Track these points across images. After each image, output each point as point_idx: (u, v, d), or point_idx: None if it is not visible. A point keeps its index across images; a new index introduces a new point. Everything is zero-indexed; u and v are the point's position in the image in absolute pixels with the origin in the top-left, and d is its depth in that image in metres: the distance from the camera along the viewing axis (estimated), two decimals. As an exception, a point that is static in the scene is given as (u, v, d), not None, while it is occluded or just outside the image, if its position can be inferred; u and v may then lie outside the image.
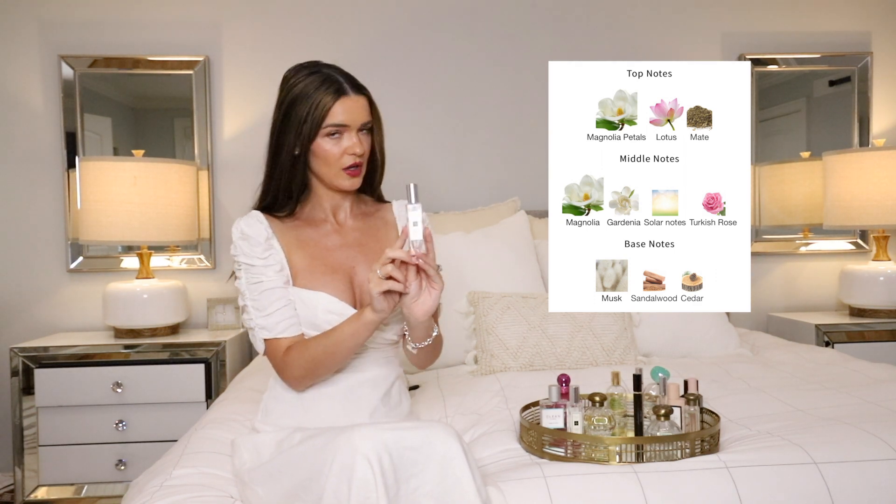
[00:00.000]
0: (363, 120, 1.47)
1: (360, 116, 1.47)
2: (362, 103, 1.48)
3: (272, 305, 1.45)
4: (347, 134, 1.46)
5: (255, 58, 2.84)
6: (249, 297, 1.47)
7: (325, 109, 1.43)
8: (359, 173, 1.49)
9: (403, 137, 2.88)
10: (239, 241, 1.49)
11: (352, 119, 1.45)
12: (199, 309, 2.85)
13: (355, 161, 1.47)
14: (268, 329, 1.45)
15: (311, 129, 1.44)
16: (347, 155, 1.47)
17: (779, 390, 1.71)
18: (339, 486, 1.07)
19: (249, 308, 1.47)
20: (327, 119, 1.44)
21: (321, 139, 1.45)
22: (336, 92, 1.45)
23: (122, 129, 2.87)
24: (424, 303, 1.36)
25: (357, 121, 1.46)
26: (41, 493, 2.42)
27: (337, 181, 1.49)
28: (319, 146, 1.46)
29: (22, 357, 2.41)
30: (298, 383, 1.46)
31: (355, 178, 1.49)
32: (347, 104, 1.45)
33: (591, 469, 1.21)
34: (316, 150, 1.47)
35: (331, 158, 1.46)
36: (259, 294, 1.46)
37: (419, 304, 1.36)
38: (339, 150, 1.46)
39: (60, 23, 2.78)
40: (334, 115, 1.44)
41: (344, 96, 1.45)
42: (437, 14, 2.90)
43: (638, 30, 2.96)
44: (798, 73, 3.04)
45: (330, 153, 1.46)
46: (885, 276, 2.74)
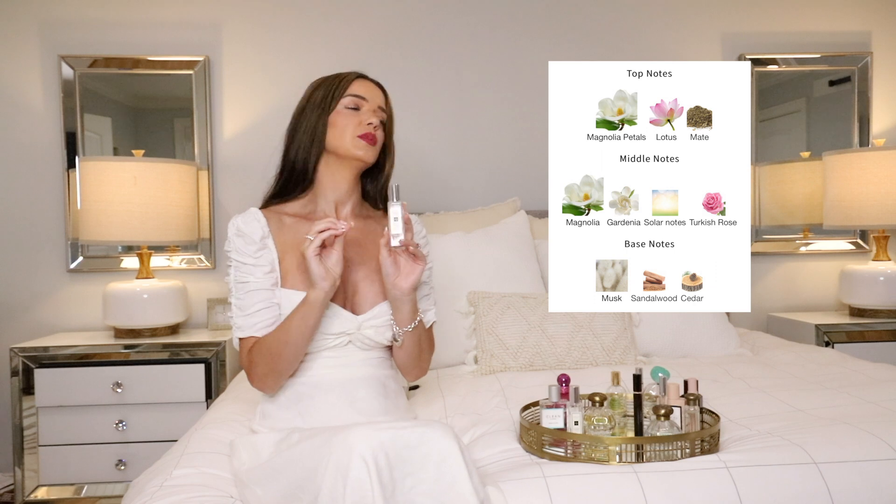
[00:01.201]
0: (380, 102, 1.57)
1: (377, 98, 1.57)
2: (380, 91, 1.59)
3: (254, 306, 1.47)
4: (365, 109, 1.54)
5: (255, 58, 2.84)
6: (235, 294, 1.50)
7: (348, 83, 1.55)
8: (374, 142, 1.54)
9: (403, 137, 2.86)
10: (234, 237, 1.51)
11: (370, 96, 1.56)
12: (199, 309, 2.84)
13: (371, 131, 1.53)
14: (244, 329, 1.48)
15: (332, 99, 1.54)
16: (364, 124, 1.52)
17: (779, 390, 1.71)
18: (335, 486, 1.07)
19: (233, 306, 1.50)
20: (349, 89, 1.54)
21: (340, 110, 1.53)
22: (357, 75, 1.58)
23: (122, 129, 2.87)
24: (409, 276, 1.45)
25: (375, 100, 1.56)
26: (41, 493, 2.42)
27: (352, 149, 1.52)
28: (338, 115, 1.53)
29: (22, 357, 2.41)
30: (263, 383, 1.48)
31: (371, 147, 1.53)
32: (367, 84, 1.58)
33: (591, 469, 1.21)
34: (334, 120, 1.53)
35: (347, 126, 1.52)
36: (244, 294, 1.48)
37: (403, 277, 1.45)
38: (357, 121, 1.53)
39: (60, 23, 2.78)
40: (355, 87, 1.55)
41: (364, 79, 1.58)
42: (436, 14, 2.90)
43: (638, 30, 2.96)
44: (798, 73, 3.04)
45: (348, 122, 1.53)
46: (885, 276, 2.74)
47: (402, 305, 1.48)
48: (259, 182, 1.67)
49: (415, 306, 1.51)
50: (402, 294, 1.46)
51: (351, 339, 1.50)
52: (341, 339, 1.49)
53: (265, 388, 1.50)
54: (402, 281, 1.45)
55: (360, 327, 1.49)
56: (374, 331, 1.50)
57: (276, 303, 1.48)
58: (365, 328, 1.50)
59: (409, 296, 1.47)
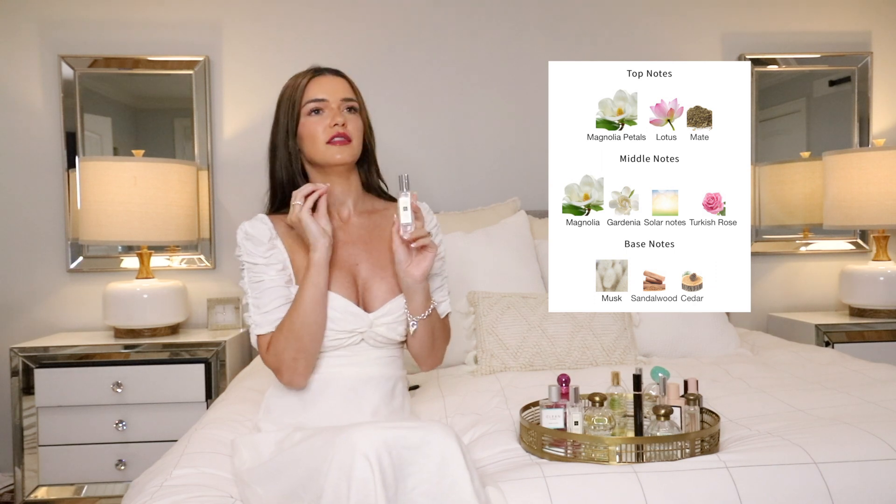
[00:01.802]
0: (342, 95, 1.53)
1: (338, 92, 1.53)
2: (339, 82, 1.55)
3: (271, 303, 1.47)
4: (328, 110, 1.51)
5: (255, 58, 2.84)
6: (251, 295, 1.50)
7: (302, 89, 1.52)
8: (346, 143, 1.51)
9: (403, 137, 2.88)
10: (243, 241, 1.51)
11: (329, 93, 1.52)
12: (199, 309, 2.84)
13: (337, 132, 1.50)
14: (262, 326, 1.48)
15: (293, 111, 1.52)
16: (329, 127, 1.50)
17: (779, 390, 1.71)
18: (339, 485, 1.07)
19: (250, 306, 1.50)
20: (305, 96, 1.51)
21: (304, 119, 1.52)
22: (313, 73, 1.54)
23: (122, 129, 2.87)
24: (420, 263, 1.46)
25: (335, 96, 1.52)
26: (41, 493, 2.42)
27: (325, 156, 1.51)
28: (304, 126, 1.52)
29: (22, 357, 2.41)
30: (294, 370, 1.44)
31: (344, 148, 1.51)
32: (322, 82, 1.53)
33: (591, 469, 1.21)
34: (301, 131, 1.52)
35: (315, 134, 1.51)
36: (260, 292, 1.48)
37: (415, 265, 1.46)
38: (322, 126, 1.51)
39: (60, 23, 2.78)
40: (310, 91, 1.52)
41: (319, 76, 1.54)
42: (436, 14, 2.90)
43: (638, 30, 2.96)
44: (798, 73, 3.04)
45: (313, 130, 1.51)
46: (885, 276, 2.74)
47: (414, 294, 1.49)
48: (259, 182, 1.67)
49: (428, 295, 1.52)
50: (414, 282, 1.47)
51: (363, 337, 1.50)
52: (354, 336, 1.49)
53: (297, 377, 1.45)
54: (413, 268, 1.46)
55: (371, 324, 1.49)
56: (386, 328, 1.50)
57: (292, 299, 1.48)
58: (377, 325, 1.50)
59: (421, 283, 1.48)
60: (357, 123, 1.54)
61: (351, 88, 1.56)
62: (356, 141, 1.53)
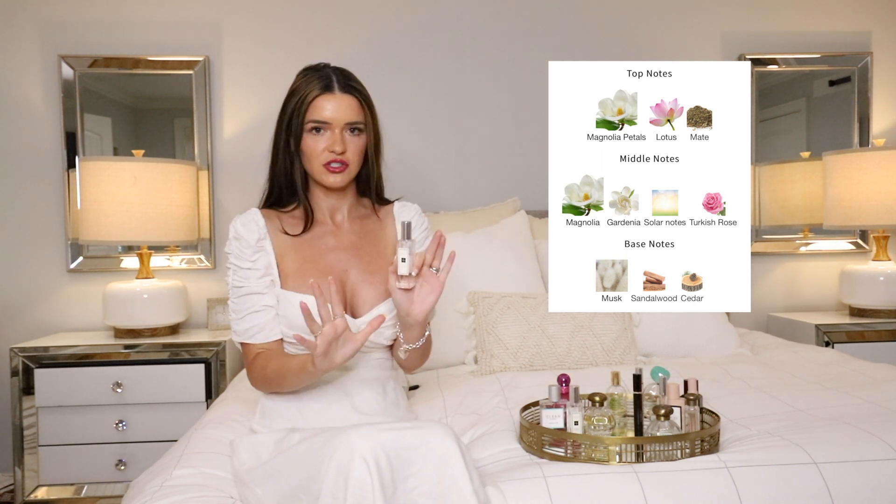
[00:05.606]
0: (347, 119, 1.48)
1: (343, 115, 1.48)
2: (349, 102, 1.48)
3: (245, 311, 1.49)
4: (330, 131, 1.48)
5: (255, 58, 2.84)
6: (231, 297, 1.52)
7: (308, 104, 1.47)
8: (341, 170, 1.49)
9: (403, 137, 2.88)
10: (232, 239, 1.53)
11: (334, 117, 1.47)
12: (199, 309, 2.84)
13: (334, 158, 1.48)
14: (238, 334, 1.51)
15: (297, 124, 1.48)
16: (327, 151, 1.48)
17: (779, 390, 1.71)
18: (336, 486, 1.07)
19: (230, 308, 1.53)
20: (308, 114, 1.47)
21: (306, 134, 1.49)
22: (322, 88, 1.47)
23: (122, 129, 2.87)
24: (423, 302, 1.40)
25: (340, 119, 1.47)
26: (41, 493, 2.42)
27: (320, 177, 1.51)
28: (304, 141, 1.50)
29: (22, 357, 2.41)
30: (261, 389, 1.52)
31: (336, 175, 1.49)
32: (331, 101, 1.47)
33: (591, 469, 1.21)
34: (302, 145, 1.50)
35: (312, 154, 1.49)
36: (238, 297, 1.50)
37: (418, 304, 1.40)
38: (321, 147, 1.48)
39: (60, 23, 2.78)
40: (315, 110, 1.47)
41: (328, 93, 1.47)
42: (437, 14, 2.90)
43: (638, 30, 2.96)
44: (798, 73, 3.04)
45: (312, 149, 1.49)
46: (885, 276, 2.74)
47: (412, 328, 1.46)
48: (259, 182, 1.67)
49: (425, 327, 1.49)
50: (415, 322, 1.43)
51: None
52: None
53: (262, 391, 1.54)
54: (415, 309, 1.40)
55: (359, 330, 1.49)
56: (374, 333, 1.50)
57: (270, 305, 1.49)
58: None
59: (421, 322, 1.44)
60: (358, 145, 1.51)
61: (360, 107, 1.50)
62: (353, 165, 1.51)
